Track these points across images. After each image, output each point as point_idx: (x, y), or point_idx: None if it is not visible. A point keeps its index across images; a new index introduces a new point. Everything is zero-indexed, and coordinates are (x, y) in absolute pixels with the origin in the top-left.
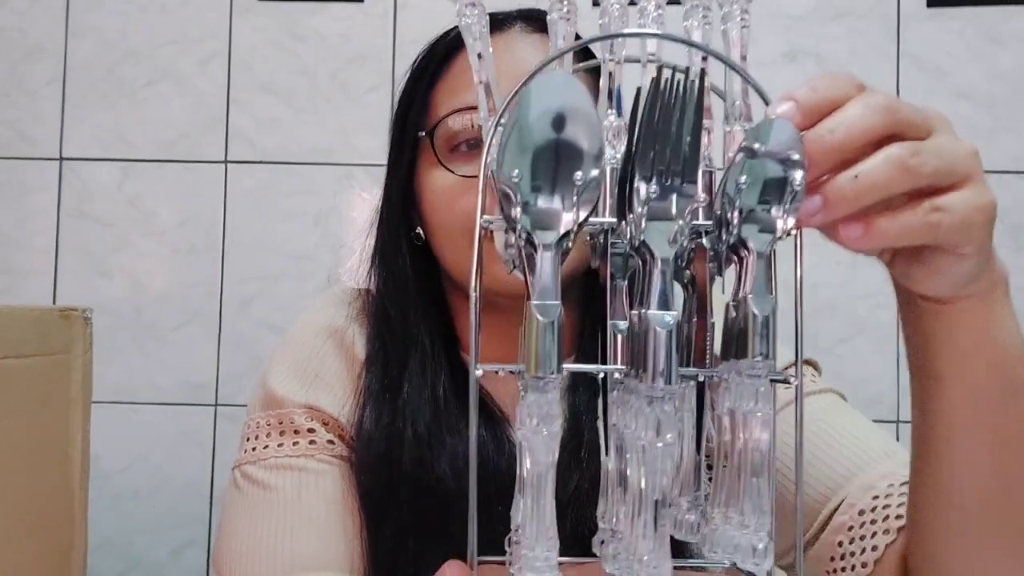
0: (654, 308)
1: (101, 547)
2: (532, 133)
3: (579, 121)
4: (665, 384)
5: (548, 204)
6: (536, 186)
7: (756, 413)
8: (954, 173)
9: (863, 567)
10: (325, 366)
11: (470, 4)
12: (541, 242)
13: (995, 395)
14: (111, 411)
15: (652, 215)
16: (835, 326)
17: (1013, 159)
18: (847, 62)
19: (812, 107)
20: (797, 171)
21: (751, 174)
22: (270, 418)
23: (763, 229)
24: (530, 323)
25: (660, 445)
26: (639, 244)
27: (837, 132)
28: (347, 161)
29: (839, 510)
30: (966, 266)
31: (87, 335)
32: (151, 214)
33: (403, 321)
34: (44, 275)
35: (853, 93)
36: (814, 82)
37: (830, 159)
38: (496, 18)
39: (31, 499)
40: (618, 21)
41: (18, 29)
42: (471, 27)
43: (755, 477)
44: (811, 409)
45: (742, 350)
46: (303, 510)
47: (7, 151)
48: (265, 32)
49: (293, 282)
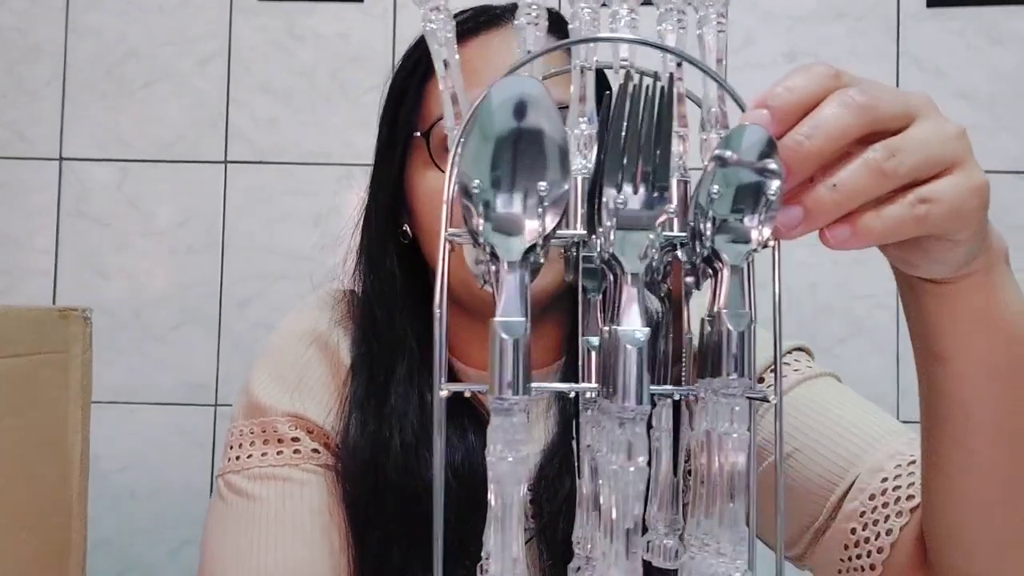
0: (624, 325)
1: (100, 547)
2: (491, 140)
3: (541, 124)
4: (636, 404)
5: (511, 214)
6: (498, 195)
7: (732, 434)
8: (939, 162)
9: (879, 552)
10: (309, 372)
11: (434, 9)
12: (505, 257)
13: (1003, 367)
14: (110, 411)
15: (621, 226)
16: (834, 326)
17: (1013, 159)
18: (847, 62)
19: (787, 111)
20: (771, 179)
21: (723, 183)
22: (253, 426)
23: (737, 240)
24: (494, 342)
25: (632, 469)
26: (609, 257)
27: (814, 138)
28: (346, 161)
29: (848, 496)
30: (962, 250)
31: (86, 335)
32: (150, 214)
33: (389, 324)
34: (43, 275)
35: (830, 86)
36: (789, 81)
37: (807, 167)
38: (494, 11)
39: (30, 499)
40: (589, 25)
41: (17, 29)
42: (436, 33)
43: (732, 503)
44: (809, 393)
45: (716, 368)
46: (288, 521)
47: (6, 151)
48: (264, 32)
49: (292, 282)
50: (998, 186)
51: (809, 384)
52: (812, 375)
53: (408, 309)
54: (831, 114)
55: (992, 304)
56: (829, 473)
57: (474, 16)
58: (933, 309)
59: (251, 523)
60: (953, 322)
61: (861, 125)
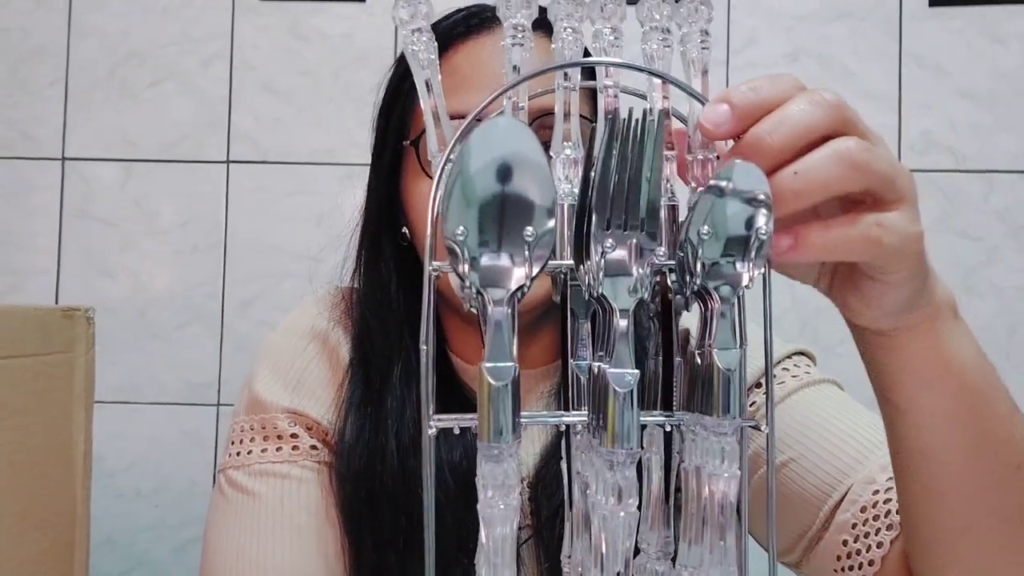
0: (614, 365)
1: (103, 546)
2: (476, 186)
3: (527, 171)
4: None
5: (497, 262)
6: (483, 242)
7: (723, 474)
8: (896, 188)
9: (870, 565)
10: (309, 370)
11: (417, 30)
12: (491, 299)
13: (961, 416)
14: (114, 410)
15: (610, 270)
16: (835, 326)
17: (1013, 158)
18: (849, 62)
19: (748, 109)
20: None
21: (713, 225)
22: (254, 422)
23: (727, 283)
24: (482, 387)
25: (622, 514)
26: (598, 295)
27: (775, 134)
28: (349, 161)
29: (841, 507)
30: (898, 296)
31: (89, 335)
32: (153, 214)
33: (384, 329)
34: (47, 275)
35: (794, 94)
36: (754, 82)
37: (768, 164)
38: (484, 14)
39: (34, 498)
40: (572, 45)
41: (21, 29)
42: (418, 55)
43: (722, 540)
44: (809, 400)
45: (707, 405)
46: (286, 521)
47: (10, 151)
48: (267, 32)
49: (295, 282)
50: (999, 186)
51: (807, 391)
52: (811, 381)
53: (405, 312)
54: (797, 110)
55: (940, 356)
56: (823, 483)
57: (464, 20)
58: (883, 361)
59: (250, 521)
60: (903, 374)
61: (828, 122)
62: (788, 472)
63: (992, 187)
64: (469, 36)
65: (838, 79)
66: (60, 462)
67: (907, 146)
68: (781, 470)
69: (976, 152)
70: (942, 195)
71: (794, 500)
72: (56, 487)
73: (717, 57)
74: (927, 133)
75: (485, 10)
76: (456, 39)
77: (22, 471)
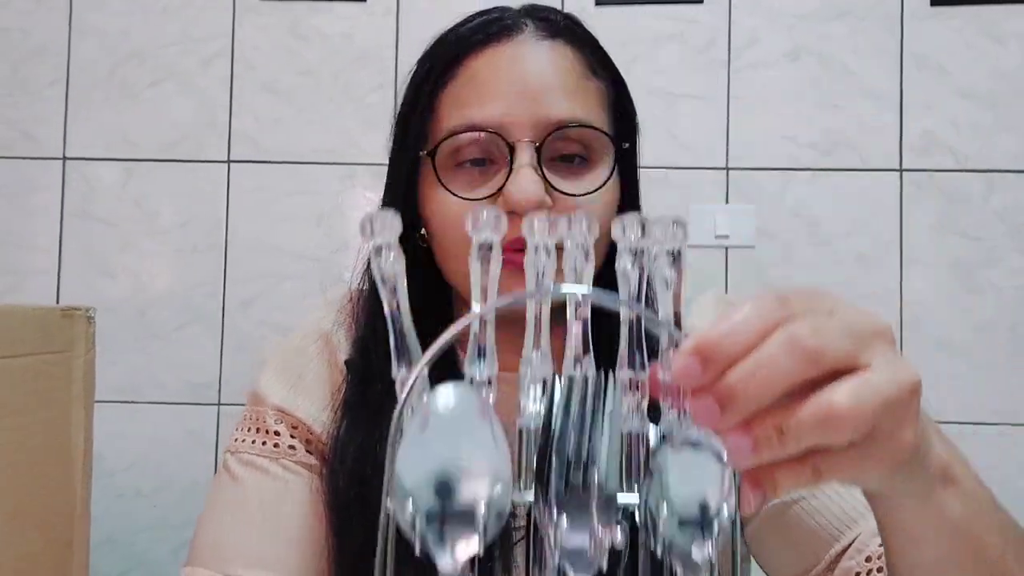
0: None
1: (103, 545)
2: (426, 468)
3: (477, 451)
4: None
5: (448, 540)
6: (433, 525)
7: None
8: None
9: None
10: (308, 369)
11: (386, 246)
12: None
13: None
14: (114, 410)
15: (566, 552)
16: None
17: (1014, 158)
18: (850, 61)
19: (722, 360)
20: (722, 508)
21: (671, 510)
22: (250, 412)
23: (687, 563)
24: None
25: None
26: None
27: (748, 386)
28: (350, 160)
29: (847, 553)
30: (883, 474)
31: (90, 334)
32: (154, 214)
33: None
34: (47, 274)
35: (771, 331)
36: (728, 325)
37: (738, 416)
38: (503, 21)
39: (33, 498)
40: (547, 267)
41: (21, 30)
42: (386, 277)
43: None
44: None
45: None
46: (259, 511)
47: (11, 151)
48: (268, 32)
49: (295, 282)
50: (999, 185)
51: None
52: None
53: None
54: (770, 357)
55: (937, 519)
56: (831, 526)
57: (483, 27)
58: (878, 514)
59: (230, 503)
60: (897, 530)
61: (803, 370)
62: (796, 509)
63: (992, 187)
64: (488, 44)
65: (839, 78)
66: (60, 462)
67: (908, 146)
68: (791, 507)
69: (977, 152)
70: (942, 195)
71: (802, 536)
72: (56, 487)
73: (719, 57)
74: (928, 133)
75: (504, 17)
76: (475, 47)
77: (22, 471)
